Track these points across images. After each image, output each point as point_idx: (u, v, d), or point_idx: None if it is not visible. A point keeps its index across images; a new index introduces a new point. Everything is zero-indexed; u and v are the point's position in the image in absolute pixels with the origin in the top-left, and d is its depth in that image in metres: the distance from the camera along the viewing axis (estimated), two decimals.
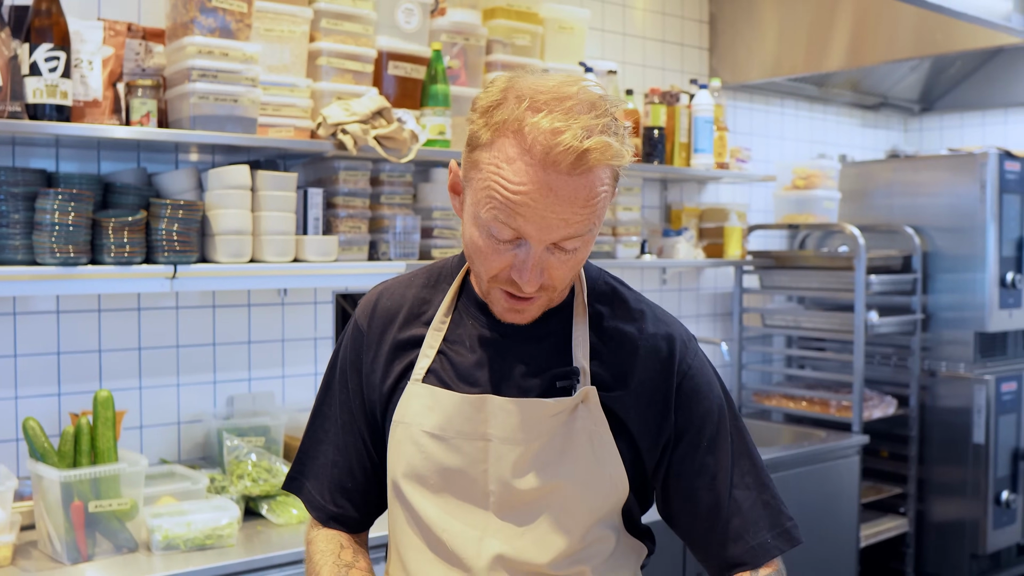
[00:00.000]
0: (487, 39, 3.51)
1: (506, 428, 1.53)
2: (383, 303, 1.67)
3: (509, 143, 1.38)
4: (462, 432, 1.55)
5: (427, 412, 1.57)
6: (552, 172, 1.36)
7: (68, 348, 2.98)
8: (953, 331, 4.73)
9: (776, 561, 1.58)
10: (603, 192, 1.41)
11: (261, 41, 2.96)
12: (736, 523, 1.57)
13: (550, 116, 1.36)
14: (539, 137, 1.35)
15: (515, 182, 1.37)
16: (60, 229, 2.58)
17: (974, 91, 5.67)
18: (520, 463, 1.53)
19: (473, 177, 1.44)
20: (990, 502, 4.64)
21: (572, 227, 1.40)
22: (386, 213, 3.23)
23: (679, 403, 1.58)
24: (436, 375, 1.58)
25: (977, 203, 4.61)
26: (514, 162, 1.37)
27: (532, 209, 1.37)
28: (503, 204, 1.38)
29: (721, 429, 1.60)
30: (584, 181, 1.38)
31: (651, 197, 4.56)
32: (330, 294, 3.48)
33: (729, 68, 4.79)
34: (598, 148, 1.36)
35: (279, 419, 3.15)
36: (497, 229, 1.41)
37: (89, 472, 2.52)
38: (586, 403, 1.54)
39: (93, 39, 2.70)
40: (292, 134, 3.02)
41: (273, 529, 2.83)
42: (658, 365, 1.58)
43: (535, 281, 1.44)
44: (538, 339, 1.57)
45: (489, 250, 1.44)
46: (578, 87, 1.40)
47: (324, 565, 1.63)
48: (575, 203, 1.38)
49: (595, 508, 1.56)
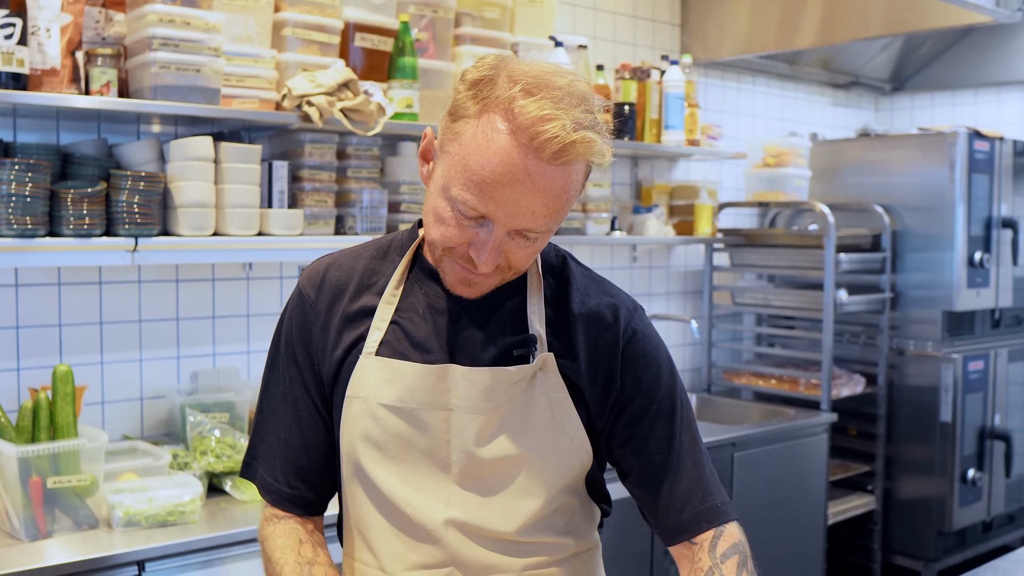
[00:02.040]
0: (456, 12, 3.47)
1: (469, 397, 1.52)
2: (332, 274, 1.64)
3: (497, 120, 1.38)
4: (424, 403, 1.53)
5: (384, 385, 1.54)
6: (533, 158, 1.36)
7: (27, 322, 2.93)
8: (921, 310, 4.75)
9: (737, 531, 1.57)
10: (573, 189, 1.43)
11: (224, 11, 2.91)
12: (687, 487, 1.57)
13: (540, 102, 1.36)
14: (527, 121, 1.35)
15: (495, 161, 1.37)
16: (17, 200, 2.53)
17: (945, 71, 5.68)
18: (483, 432, 1.53)
19: (451, 149, 1.43)
20: (956, 480, 4.67)
21: (538, 220, 1.41)
22: (353, 187, 3.19)
23: (625, 367, 1.58)
24: (389, 346, 1.56)
25: (946, 182, 4.62)
26: (497, 142, 1.37)
27: (505, 192, 1.38)
28: (478, 182, 1.38)
29: (671, 395, 1.61)
30: (560, 172, 1.39)
31: (621, 174, 4.54)
32: (296, 268, 3.44)
33: (700, 45, 4.77)
34: (584, 142, 1.37)
35: (244, 395, 3.11)
36: (463, 205, 1.41)
37: (47, 447, 2.48)
38: (544, 370, 1.55)
39: (51, 6, 2.64)
40: (256, 106, 2.97)
41: (237, 506, 2.79)
42: (603, 332, 1.58)
43: (492, 262, 1.44)
44: (493, 308, 1.57)
45: (450, 222, 1.44)
46: (568, 80, 1.40)
47: (285, 564, 1.58)
48: (547, 194, 1.39)
49: (559, 475, 1.56)
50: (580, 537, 1.64)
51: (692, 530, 1.56)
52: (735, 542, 1.54)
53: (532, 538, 1.56)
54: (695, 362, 4.93)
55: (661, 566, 3.64)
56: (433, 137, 1.51)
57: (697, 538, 1.56)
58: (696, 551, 1.55)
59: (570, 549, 1.62)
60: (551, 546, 1.59)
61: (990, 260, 4.74)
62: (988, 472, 4.83)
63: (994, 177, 4.76)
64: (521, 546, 1.56)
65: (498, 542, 1.55)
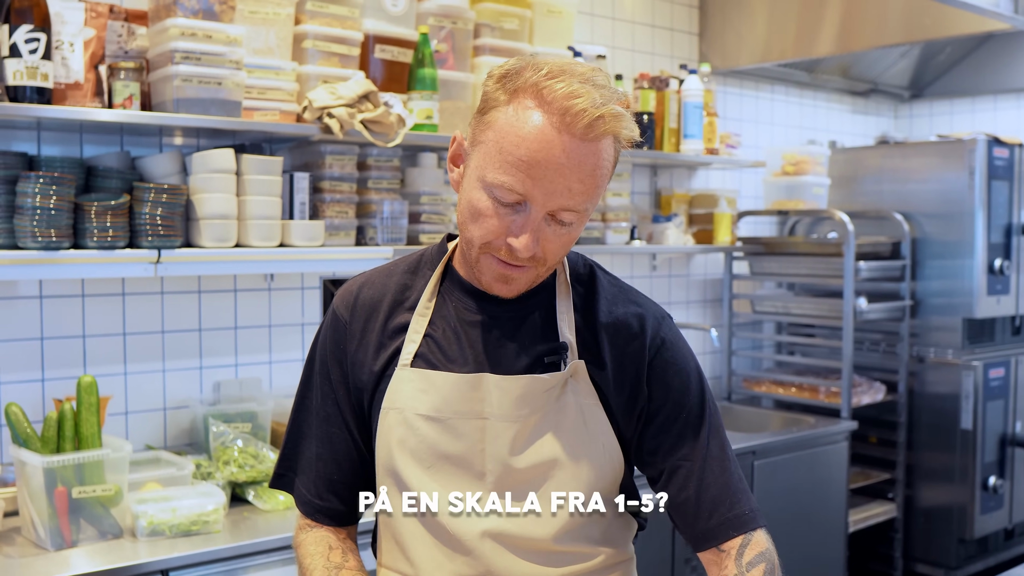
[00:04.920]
0: (475, 23, 3.49)
1: (502, 405, 1.54)
2: (365, 293, 1.67)
3: (528, 103, 1.43)
4: (459, 412, 1.55)
5: (420, 395, 1.56)
6: (566, 134, 1.40)
7: (52, 333, 2.95)
8: (941, 317, 4.73)
9: (765, 539, 1.57)
10: (606, 166, 1.46)
11: (245, 23, 2.94)
12: (715, 494, 1.58)
13: (567, 82, 1.41)
14: (557, 98, 1.41)
15: (530, 139, 1.41)
16: (42, 213, 2.55)
17: (964, 77, 5.66)
18: (517, 440, 1.55)
19: (484, 139, 1.47)
20: (978, 487, 4.65)
21: (574, 197, 1.44)
22: (373, 198, 3.21)
23: (652, 377, 1.60)
24: (424, 359, 1.59)
25: (966, 189, 4.61)
26: (530, 121, 1.42)
27: (542, 170, 1.41)
28: (514, 162, 1.42)
29: (700, 403, 1.62)
30: (593, 148, 1.43)
31: (641, 183, 4.54)
32: (317, 279, 3.46)
33: (719, 53, 4.77)
34: (612, 116, 1.42)
35: (266, 405, 3.13)
36: (500, 190, 1.44)
37: (72, 458, 2.50)
38: (575, 377, 1.57)
39: (74, 20, 2.67)
40: (278, 118, 2.99)
41: (259, 515, 2.81)
42: (630, 342, 1.60)
43: (531, 246, 1.46)
44: (523, 318, 1.59)
45: (488, 212, 1.46)
46: (590, 68, 1.46)
47: (315, 569, 1.62)
48: (582, 170, 1.42)
49: (593, 481, 1.57)
50: (616, 547, 1.64)
51: (720, 537, 1.56)
52: (762, 550, 1.55)
53: (568, 547, 1.57)
54: (715, 370, 4.93)
55: (682, 574, 3.64)
56: (462, 140, 1.55)
57: (725, 545, 1.56)
58: (723, 558, 1.56)
59: (605, 559, 1.62)
60: (587, 555, 1.60)
61: (1010, 267, 4.72)
62: (1009, 479, 4.81)
63: (1014, 184, 4.75)
64: (557, 555, 1.57)
65: (534, 552, 1.56)
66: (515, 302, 1.59)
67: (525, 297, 1.59)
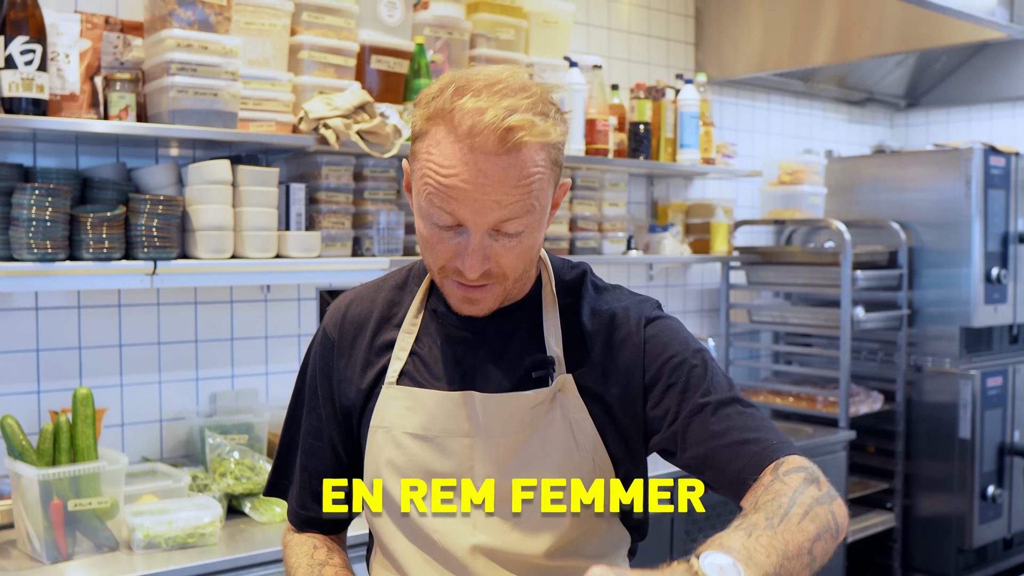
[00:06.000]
0: (471, 33, 3.49)
1: (490, 424, 1.53)
2: (353, 309, 1.67)
3: (440, 129, 1.40)
4: (447, 430, 1.54)
5: (407, 413, 1.56)
6: (479, 152, 1.37)
7: (47, 345, 2.94)
8: (939, 326, 4.73)
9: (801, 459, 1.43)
10: (537, 174, 1.41)
11: (241, 34, 2.93)
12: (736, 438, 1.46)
13: (476, 98, 1.37)
14: (464, 118, 1.37)
15: (445, 165, 1.38)
16: (37, 225, 2.55)
17: (960, 86, 5.67)
18: (506, 457, 1.53)
19: (415, 169, 1.45)
20: (976, 497, 4.64)
21: (507, 209, 1.39)
22: (370, 209, 3.21)
23: (647, 353, 1.54)
24: (410, 376, 1.58)
25: (962, 198, 4.61)
26: (443, 146, 1.39)
27: (464, 192, 1.38)
28: (437, 189, 1.39)
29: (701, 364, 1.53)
30: (513, 160, 1.38)
31: (637, 193, 4.54)
32: (313, 290, 3.46)
33: (715, 63, 4.77)
34: (521, 126, 1.36)
35: (262, 416, 3.12)
36: (436, 216, 1.42)
37: (68, 470, 2.49)
38: (563, 391, 1.54)
39: (70, 32, 2.67)
40: (273, 129, 2.99)
41: (256, 527, 2.80)
42: (615, 331, 1.57)
43: (476, 267, 1.43)
44: (509, 332, 1.58)
45: (434, 239, 1.45)
46: (510, 72, 1.42)
47: (299, 567, 1.64)
48: (506, 184, 1.38)
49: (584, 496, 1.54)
50: (610, 561, 1.61)
51: (752, 473, 1.43)
52: (799, 466, 1.41)
53: (560, 561, 1.55)
54: None
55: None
56: (406, 168, 1.54)
57: (759, 477, 1.42)
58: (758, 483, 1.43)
59: None
60: (579, 570, 1.51)
61: (1007, 276, 4.72)
62: (1008, 489, 4.80)
63: (1010, 192, 4.74)
64: (550, 571, 1.55)
65: (526, 567, 1.54)
66: (500, 316, 1.57)
67: (510, 310, 1.58)
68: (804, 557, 1.29)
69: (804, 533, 1.30)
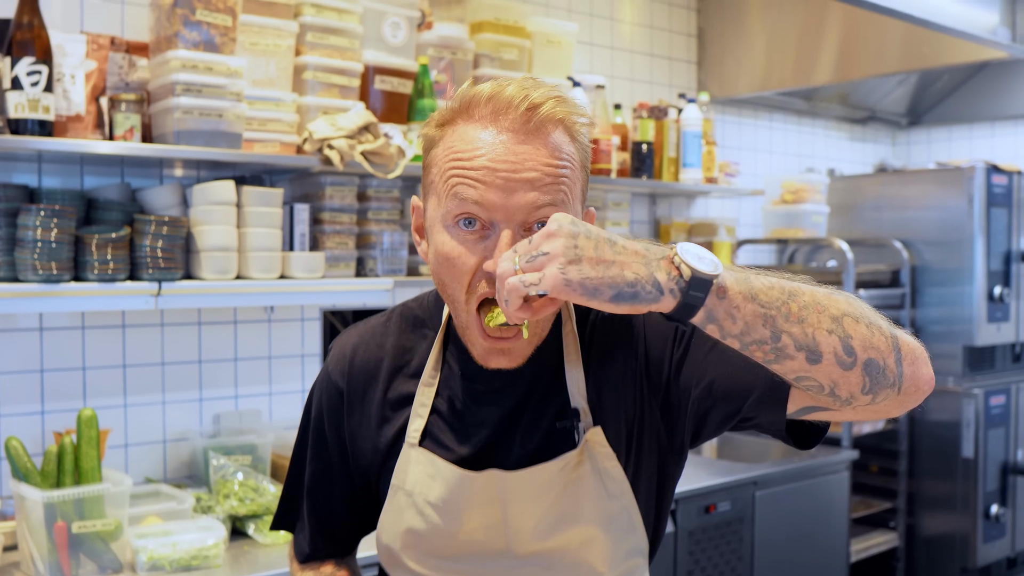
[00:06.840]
0: (474, 53, 3.50)
1: (519, 497, 1.45)
2: (360, 357, 1.57)
3: (458, 126, 1.35)
4: (472, 502, 1.46)
5: (429, 481, 1.47)
6: (506, 131, 1.31)
7: (51, 366, 2.94)
8: (941, 345, 4.72)
9: None
10: (566, 159, 1.33)
11: (246, 55, 2.94)
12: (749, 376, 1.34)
13: (491, 85, 1.34)
14: (484, 104, 1.33)
15: (469, 149, 1.31)
16: (43, 245, 2.55)
17: (961, 104, 5.68)
18: (540, 525, 1.45)
19: (431, 180, 1.37)
20: (979, 516, 4.63)
21: (539, 190, 1.30)
22: (373, 229, 3.21)
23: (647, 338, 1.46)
24: (433, 437, 1.49)
25: (965, 217, 4.61)
26: (465, 134, 1.33)
27: (493, 173, 1.29)
28: (463, 178, 1.31)
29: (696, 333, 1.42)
30: (542, 140, 1.31)
31: (640, 212, 4.54)
32: (317, 311, 3.45)
33: (717, 82, 4.78)
34: (545, 101, 1.31)
35: (266, 437, 3.11)
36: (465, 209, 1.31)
37: (72, 492, 2.49)
38: (591, 443, 1.45)
39: (76, 53, 2.67)
40: (278, 149, 2.99)
41: (260, 549, 2.79)
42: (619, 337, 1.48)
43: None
44: (533, 380, 1.48)
45: (460, 251, 1.33)
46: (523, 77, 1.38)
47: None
48: (537, 161, 1.30)
49: (619, 540, 1.47)
50: None
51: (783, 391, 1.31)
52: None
53: None
54: None
55: None
56: (419, 205, 1.46)
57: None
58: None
59: None
60: None
61: (1010, 294, 4.72)
62: (1012, 508, 4.79)
63: (1012, 211, 4.75)
64: None
65: None
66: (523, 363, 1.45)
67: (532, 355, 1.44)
68: (821, 315, 1.18)
69: (822, 293, 1.20)
